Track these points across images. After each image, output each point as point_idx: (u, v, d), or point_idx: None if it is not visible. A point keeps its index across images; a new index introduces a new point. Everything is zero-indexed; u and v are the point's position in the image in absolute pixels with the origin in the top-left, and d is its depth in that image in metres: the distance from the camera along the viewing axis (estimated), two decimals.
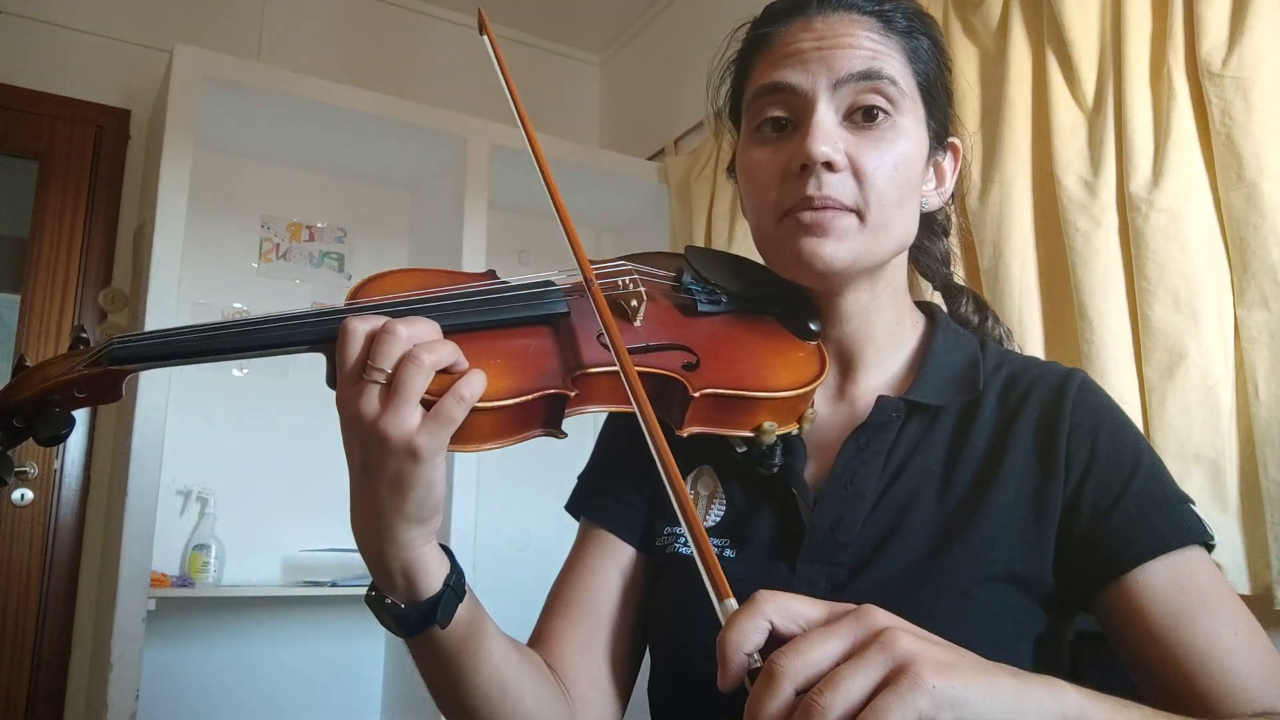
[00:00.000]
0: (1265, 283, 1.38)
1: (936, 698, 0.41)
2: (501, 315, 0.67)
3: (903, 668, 0.42)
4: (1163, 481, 0.70)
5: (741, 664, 0.44)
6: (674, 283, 0.78)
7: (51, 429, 0.59)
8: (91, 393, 0.61)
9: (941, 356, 0.79)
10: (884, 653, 0.43)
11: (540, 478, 2.81)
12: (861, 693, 0.41)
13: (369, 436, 0.57)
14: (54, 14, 2.65)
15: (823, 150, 0.69)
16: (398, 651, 2.65)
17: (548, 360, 0.66)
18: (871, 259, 0.73)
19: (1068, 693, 0.47)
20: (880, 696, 0.41)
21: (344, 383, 0.59)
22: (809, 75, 0.71)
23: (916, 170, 0.74)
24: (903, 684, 0.41)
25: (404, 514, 0.59)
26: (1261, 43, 1.40)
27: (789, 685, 0.42)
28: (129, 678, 1.94)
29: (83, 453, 2.52)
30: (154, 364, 0.62)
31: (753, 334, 0.76)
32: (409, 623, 0.63)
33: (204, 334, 0.62)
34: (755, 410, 0.70)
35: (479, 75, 3.26)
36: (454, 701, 0.69)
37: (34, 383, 0.60)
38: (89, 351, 0.61)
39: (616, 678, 0.79)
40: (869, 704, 0.41)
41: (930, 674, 0.42)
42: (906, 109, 0.73)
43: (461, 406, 0.58)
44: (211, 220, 2.59)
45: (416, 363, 0.57)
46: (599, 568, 0.81)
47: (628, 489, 0.83)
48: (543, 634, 0.79)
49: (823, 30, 0.73)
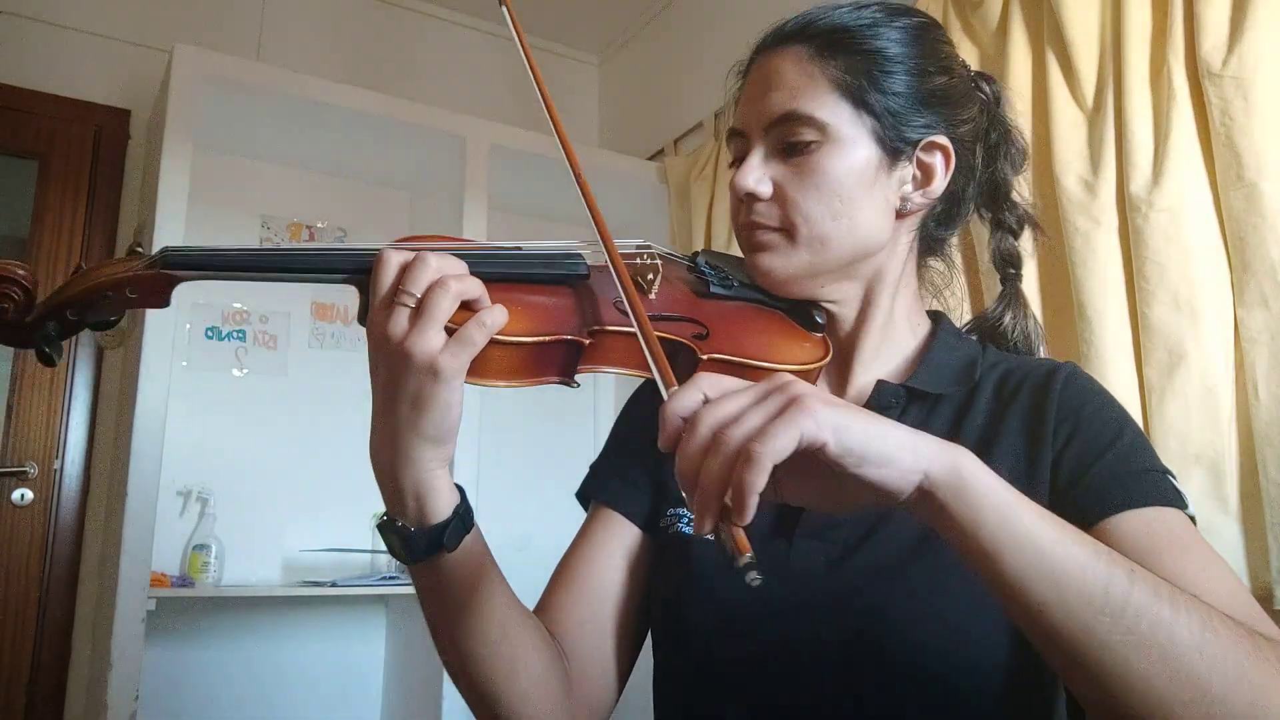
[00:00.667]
0: (1265, 283, 1.38)
1: (820, 420, 0.49)
2: (526, 270, 0.72)
3: (794, 400, 0.49)
4: (1143, 452, 0.71)
5: (675, 426, 0.51)
6: (690, 265, 0.83)
7: (101, 314, 0.65)
8: (143, 294, 0.65)
9: (941, 355, 0.82)
10: (782, 395, 0.50)
11: (540, 478, 2.82)
12: (758, 423, 0.49)
13: (395, 356, 0.62)
14: (54, 14, 2.65)
15: (743, 184, 0.78)
16: (398, 652, 2.66)
17: (566, 312, 0.70)
18: (819, 266, 0.79)
19: (963, 453, 0.53)
20: (771, 422, 0.48)
21: (376, 307, 0.63)
22: (749, 120, 0.80)
23: (854, 183, 0.77)
24: (791, 410, 0.49)
25: (421, 432, 0.63)
26: (1261, 43, 1.40)
27: (706, 429, 0.49)
28: (129, 678, 1.94)
29: (83, 453, 2.52)
30: (202, 274, 0.66)
31: (760, 318, 0.80)
32: (417, 545, 0.67)
33: (250, 253, 0.68)
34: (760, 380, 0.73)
35: (479, 75, 3.26)
36: (454, 641, 0.71)
37: (89, 279, 0.65)
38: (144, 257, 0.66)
39: (616, 654, 0.81)
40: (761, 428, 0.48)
41: (818, 404, 0.49)
42: (835, 133, 0.76)
43: (483, 331, 0.62)
44: (211, 220, 2.59)
45: (444, 288, 0.62)
46: (605, 546, 0.83)
47: (636, 472, 0.85)
48: (545, 606, 0.81)
49: (763, 70, 0.80)
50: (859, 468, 0.50)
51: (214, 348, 2.63)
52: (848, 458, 0.49)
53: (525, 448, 2.88)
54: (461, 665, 0.73)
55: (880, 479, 0.50)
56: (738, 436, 0.48)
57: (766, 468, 0.47)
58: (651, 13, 3.26)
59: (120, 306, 0.66)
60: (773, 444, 0.47)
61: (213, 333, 2.63)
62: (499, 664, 0.72)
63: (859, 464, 0.50)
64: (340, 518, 2.60)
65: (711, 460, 0.48)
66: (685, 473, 0.50)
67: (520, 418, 2.86)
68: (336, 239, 2.87)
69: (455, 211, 2.59)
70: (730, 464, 0.48)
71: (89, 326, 0.66)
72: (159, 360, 2.08)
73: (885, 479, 0.50)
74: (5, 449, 2.43)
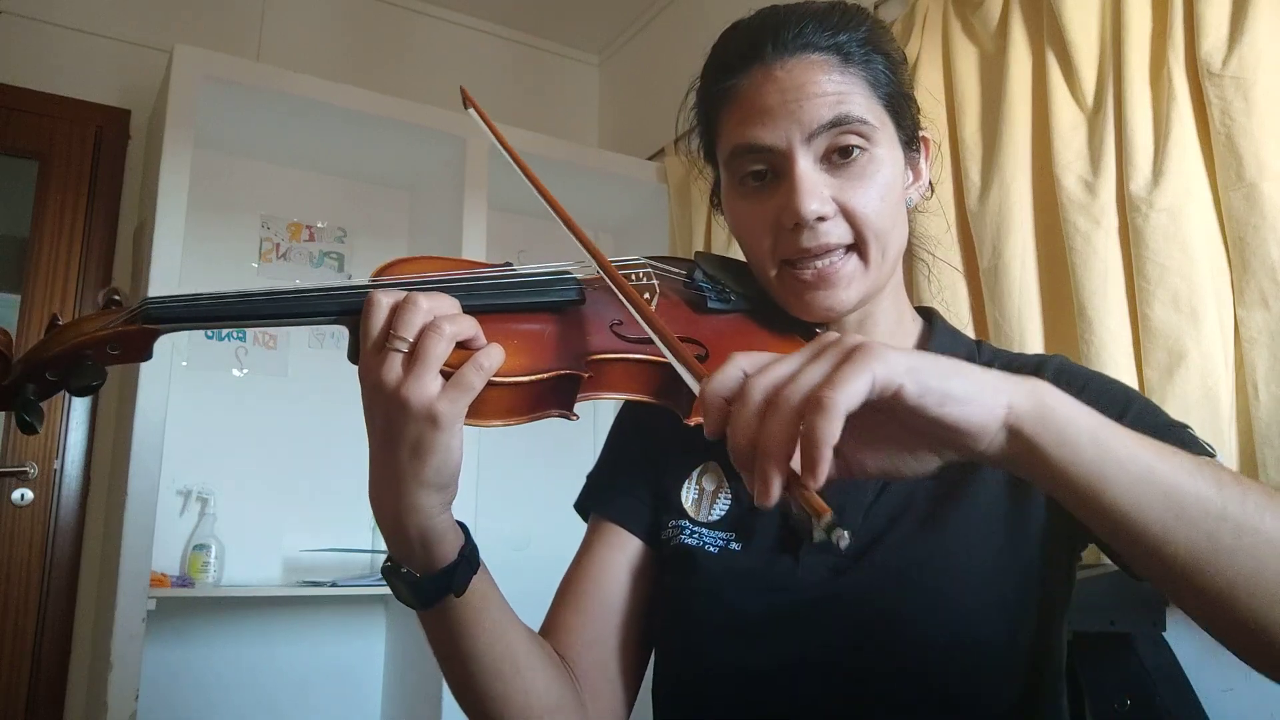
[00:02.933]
0: (1265, 283, 1.38)
1: (891, 363, 0.45)
2: (519, 299, 0.69)
3: (857, 348, 0.46)
4: (1159, 412, 0.72)
5: (720, 408, 0.47)
6: (685, 279, 0.81)
7: (83, 380, 0.61)
8: (125, 350, 0.62)
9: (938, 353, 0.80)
10: (839, 347, 0.47)
11: (540, 479, 2.82)
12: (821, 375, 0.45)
13: (391, 404, 0.60)
14: (54, 14, 2.65)
15: (811, 208, 0.72)
16: (398, 652, 2.65)
17: (562, 343, 0.68)
18: (878, 287, 0.77)
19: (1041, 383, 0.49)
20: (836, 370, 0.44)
21: (368, 352, 0.61)
22: (781, 132, 0.73)
23: (899, 188, 0.78)
24: (856, 357, 0.45)
25: (422, 480, 0.61)
26: (1261, 43, 1.40)
27: (758, 396, 0.46)
28: (129, 678, 1.94)
29: (83, 453, 2.51)
30: (185, 325, 0.64)
31: (760, 332, 0.78)
32: (425, 591, 0.65)
33: (233, 300, 0.64)
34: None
35: (479, 75, 3.26)
36: (466, 677, 0.70)
37: (68, 337, 0.61)
38: (123, 310, 0.63)
39: (625, 669, 0.80)
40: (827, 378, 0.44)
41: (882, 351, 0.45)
42: (879, 138, 0.75)
43: (480, 375, 0.60)
44: (211, 220, 2.59)
45: (438, 332, 0.59)
46: (608, 561, 0.82)
47: (635, 484, 0.84)
48: (552, 626, 0.80)
49: (785, 81, 0.74)
50: (941, 407, 0.46)
51: (214, 347, 2.63)
52: (928, 397, 0.45)
53: (525, 447, 2.87)
54: (476, 702, 0.72)
55: (963, 416, 0.46)
56: (802, 388, 0.44)
57: (840, 415, 0.43)
58: (651, 13, 3.26)
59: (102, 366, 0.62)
60: (845, 389, 0.43)
61: (213, 333, 2.63)
62: (513, 697, 0.71)
63: (940, 403, 0.46)
64: (340, 518, 2.60)
65: (771, 421, 0.45)
66: (741, 445, 0.46)
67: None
68: (336, 239, 2.87)
69: (455, 211, 2.59)
70: (795, 417, 0.44)
71: (71, 391, 0.62)
72: (159, 360, 2.06)
73: (969, 416, 0.46)
74: (5, 449, 2.43)
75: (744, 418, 0.46)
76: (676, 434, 0.71)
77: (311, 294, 0.65)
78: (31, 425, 0.61)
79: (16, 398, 0.61)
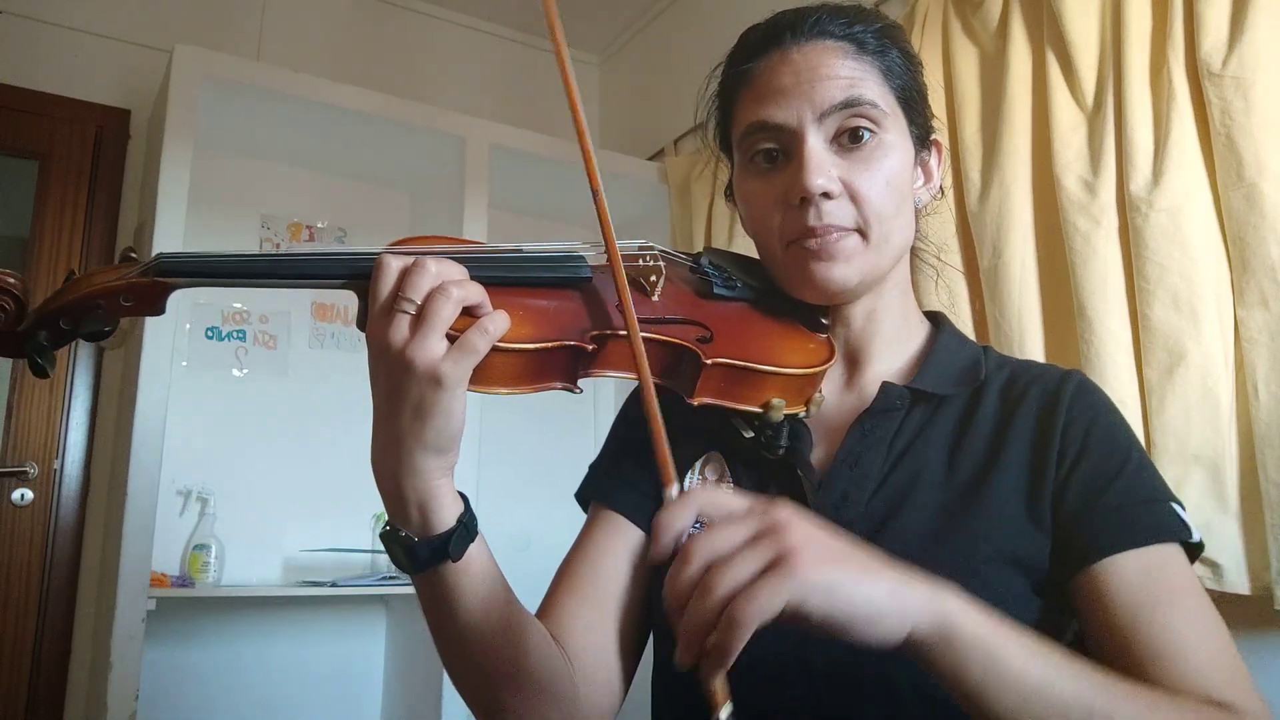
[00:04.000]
0: (1265, 283, 1.38)
1: (806, 585, 0.49)
2: (527, 274, 0.70)
3: (783, 556, 0.49)
4: (1150, 478, 0.72)
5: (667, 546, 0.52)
6: (693, 265, 0.82)
7: (94, 326, 0.63)
8: (138, 302, 0.64)
9: (945, 355, 0.82)
10: (774, 542, 0.50)
11: (541, 478, 2.82)
12: (748, 574, 0.49)
13: (396, 364, 0.61)
14: (54, 14, 2.65)
15: (818, 183, 0.73)
16: (398, 652, 2.66)
17: (568, 317, 0.69)
18: (878, 272, 0.78)
19: (950, 600, 0.54)
20: (758, 581, 0.49)
21: (376, 314, 0.62)
22: (794, 111, 0.75)
23: (906, 178, 0.78)
24: (779, 570, 0.49)
25: (424, 441, 0.62)
26: (1261, 43, 1.40)
27: (698, 562, 0.50)
28: (129, 678, 1.94)
29: (83, 453, 2.51)
30: (197, 281, 0.65)
31: (765, 319, 0.79)
32: (420, 555, 0.66)
33: (245, 258, 0.66)
34: (765, 385, 0.74)
35: (479, 75, 3.26)
36: (459, 648, 0.71)
37: (82, 287, 0.63)
38: (138, 264, 0.64)
39: (621, 656, 0.80)
40: (750, 583, 0.49)
41: (806, 564, 0.49)
42: (889, 125, 0.76)
43: (485, 338, 0.62)
44: (211, 220, 2.59)
45: (445, 294, 0.61)
46: (607, 548, 0.82)
47: (637, 474, 0.85)
48: (549, 609, 0.80)
49: (800, 63, 0.76)
50: (844, 631, 0.50)
51: (214, 348, 2.63)
52: (832, 623, 0.50)
53: (526, 446, 2.87)
54: (465, 673, 0.72)
55: (864, 636, 0.51)
56: (725, 588, 0.49)
57: (749, 630, 0.48)
58: (652, 13, 3.26)
59: (114, 315, 0.64)
60: (757, 606, 0.48)
61: (213, 333, 2.63)
62: (504, 671, 0.71)
63: (845, 627, 0.50)
64: (340, 518, 2.60)
65: (698, 604, 0.49)
66: (672, 601, 0.51)
67: (521, 416, 2.85)
68: (336, 239, 2.88)
69: (455, 211, 2.59)
70: (714, 616, 0.48)
71: (82, 337, 0.64)
72: (159, 360, 2.07)
73: (869, 636, 0.51)
74: (5, 449, 2.43)
75: (680, 582, 0.50)
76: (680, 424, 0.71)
77: (324, 257, 0.66)
78: (43, 368, 0.63)
79: (30, 341, 0.64)
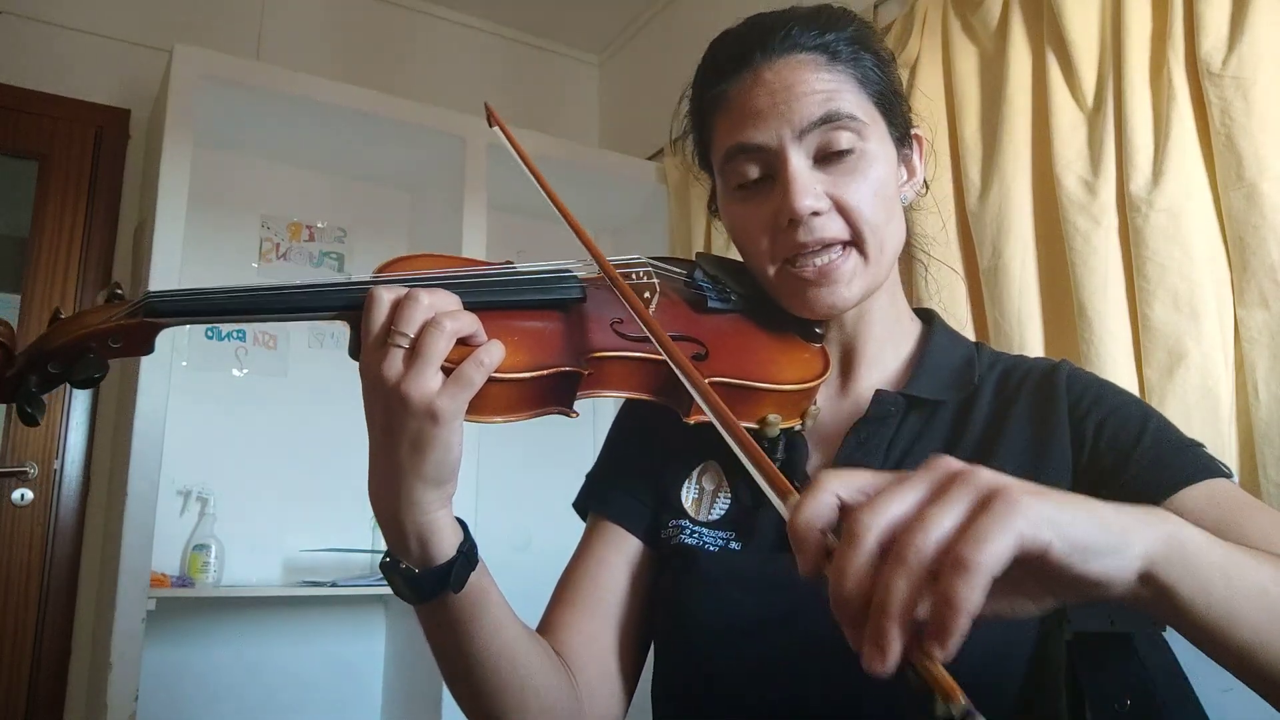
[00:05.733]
0: (1265, 283, 1.38)
1: (1034, 517, 0.39)
2: (520, 296, 0.70)
3: (995, 493, 0.40)
4: (1173, 429, 0.73)
5: (817, 541, 0.41)
6: (686, 279, 0.81)
7: (86, 372, 0.61)
8: (126, 344, 0.63)
9: (938, 356, 0.82)
10: (968, 486, 0.41)
11: (540, 479, 2.81)
12: (955, 524, 0.39)
13: (391, 399, 0.60)
14: (54, 14, 2.65)
15: (805, 204, 0.72)
16: (398, 651, 2.65)
17: (563, 340, 0.68)
18: (877, 284, 0.78)
19: (1169, 516, 0.45)
20: (975, 522, 0.39)
21: (369, 347, 0.61)
22: (772, 131, 0.74)
23: (893, 184, 0.78)
24: (997, 507, 0.39)
25: (422, 475, 0.61)
26: (1261, 43, 1.40)
27: (872, 539, 0.39)
28: (129, 678, 1.94)
29: (83, 453, 2.51)
30: (187, 320, 0.65)
31: (759, 332, 0.79)
32: (422, 587, 0.65)
33: (235, 294, 0.64)
34: (761, 402, 0.73)
35: (479, 75, 3.26)
36: (463, 672, 0.70)
37: (71, 330, 0.61)
38: (126, 304, 0.63)
39: (623, 668, 0.80)
40: (963, 530, 0.39)
41: (1022, 497, 0.40)
42: (870, 134, 0.76)
43: (481, 371, 0.61)
44: (211, 220, 2.59)
45: (438, 328, 0.59)
46: (606, 560, 0.82)
47: (634, 484, 0.84)
48: (550, 623, 0.80)
49: (774, 82, 0.75)
50: (1085, 565, 0.41)
51: (214, 348, 2.63)
52: (1075, 555, 0.41)
53: (525, 446, 2.87)
54: (471, 698, 0.72)
55: (1103, 570, 0.42)
56: (934, 539, 0.39)
57: (987, 579, 0.37)
58: (651, 13, 3.26)
59: (104, 359, 0.62)
60: (989, 548, 0.38)
61: (213, 332, 2.63)
62: (509, 694, 0.70)
63: (1085, 560, 0.41)
64: (340, 518, 2.60)
65: (895, 575, 0.38)
66: (849, 595, 0.39)
67: None
68: (336, 239, 2.87)
69: (455, 211, 2.59)
70: (924, 577, 0.38)
71: (73, 384, 0.62)
72: (159, 360, 2.07)
73: (1108, 570, 0.42)
74: (5, 449, 2.43)
75: (854, 563, 0.39)
76: (676, 433, 0.70)
77: (313, 290, 0.65)
78: (33, 417, 0.61)
79: (19, 389, 0.61)
